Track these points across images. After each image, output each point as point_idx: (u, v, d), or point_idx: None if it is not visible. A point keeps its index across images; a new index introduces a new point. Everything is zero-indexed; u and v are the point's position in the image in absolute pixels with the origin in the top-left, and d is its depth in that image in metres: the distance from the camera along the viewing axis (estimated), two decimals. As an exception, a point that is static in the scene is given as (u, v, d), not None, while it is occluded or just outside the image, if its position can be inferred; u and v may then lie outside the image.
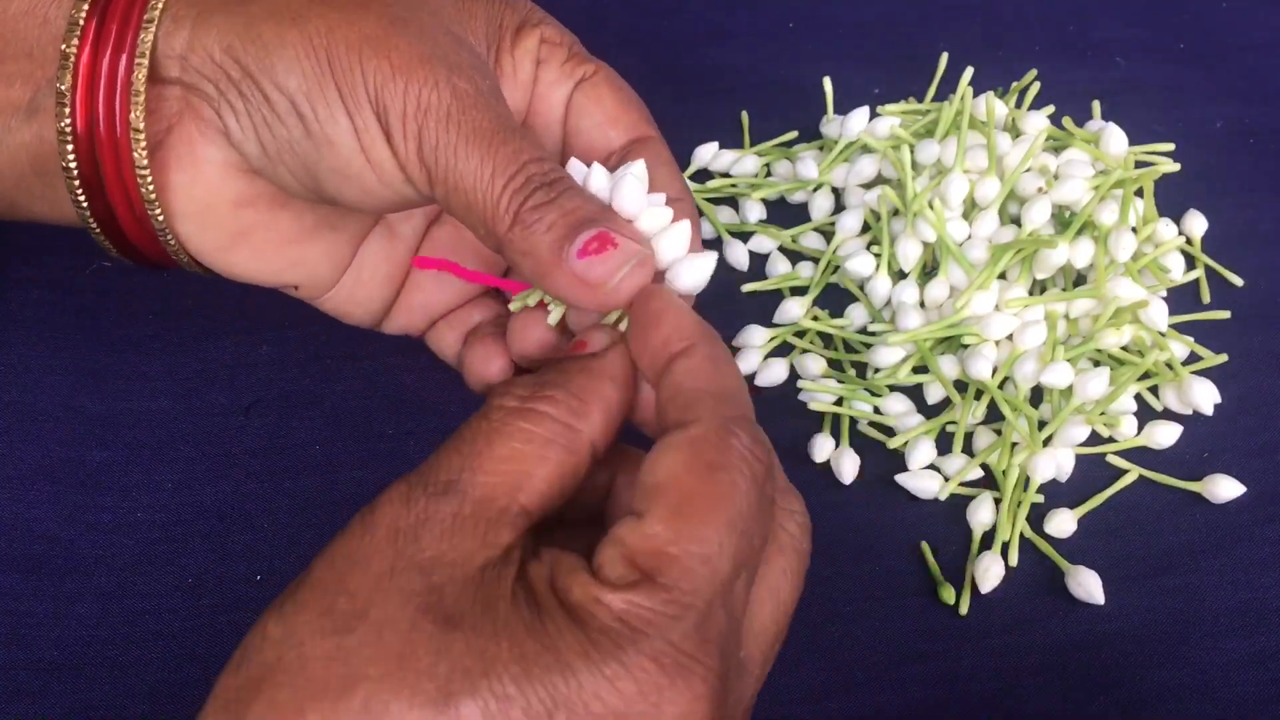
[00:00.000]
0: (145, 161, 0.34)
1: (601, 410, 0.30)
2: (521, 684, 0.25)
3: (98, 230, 0.35)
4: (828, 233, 0.49)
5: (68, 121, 0.33)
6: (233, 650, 0.38)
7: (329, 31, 0.32)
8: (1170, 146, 0.49)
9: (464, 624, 0.25)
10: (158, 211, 0.35)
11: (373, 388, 0.44)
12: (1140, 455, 0.43)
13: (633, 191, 0.33)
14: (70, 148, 0.33)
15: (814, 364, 0.44)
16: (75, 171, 0.34)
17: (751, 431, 0.28)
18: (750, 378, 0.45)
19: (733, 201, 0.50)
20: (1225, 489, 0.41)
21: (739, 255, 0.48)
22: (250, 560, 0.40)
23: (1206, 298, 0.47)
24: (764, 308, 0.46)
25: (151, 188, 0.34)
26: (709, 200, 0.50)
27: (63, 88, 0.33)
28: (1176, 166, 0.48)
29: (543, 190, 0.32)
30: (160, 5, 0.33)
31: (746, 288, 0.47)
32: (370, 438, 0.43)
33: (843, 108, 0.51)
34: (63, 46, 0.33)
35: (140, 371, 0.44)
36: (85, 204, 0.34)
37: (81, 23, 0.33)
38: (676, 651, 0.25)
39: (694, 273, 0.33)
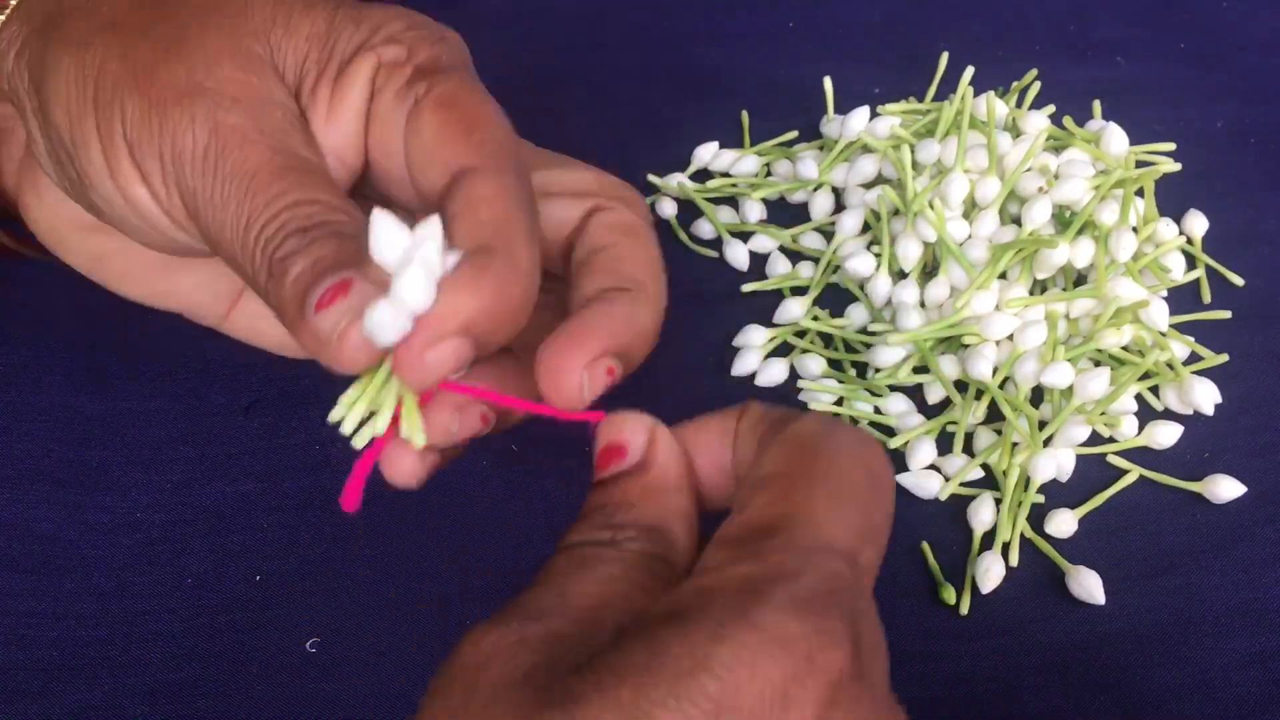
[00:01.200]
0: None
1: (684, 528, 0.27)
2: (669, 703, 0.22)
3: None
4: (828, 232, 0.49)
5: None
6: (231, 649, 0.38)
7: (102, 61, 0.30)
8: (1171, 146, 0.49)
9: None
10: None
11: (373, 388, 0.44)
12: (1141, 455, 0.43)
13: (382, 233, 0.26)
14: None
15: (814, 364, 0.44)
16: None
17: (859, 433, 0.26)
18: (750, 378, 0.45)
19: (733, 201, 0.50)
20: (1226, 489, 0.41)
21: (739, 255, 0.48)
22: (250, 560, 0.40)
23: (1207, 297, 0.47)
24: (764, 308, 0.46)
25: None
26: (709, 200, 0.50)
27: None
28: (1177, 166, 0.48)
29: (296, 236, 0.28)
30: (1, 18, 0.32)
31: (746, 288, 0.47)
32: (370, 438, 0.43)
33: (843, 107, 0.51)
34: None
35: (140, 371, 0.44)
36: None
37: None
38: (810, 596, 0.23)
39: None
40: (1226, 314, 0.45)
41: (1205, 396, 0.42)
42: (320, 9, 0.32)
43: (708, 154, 0.51)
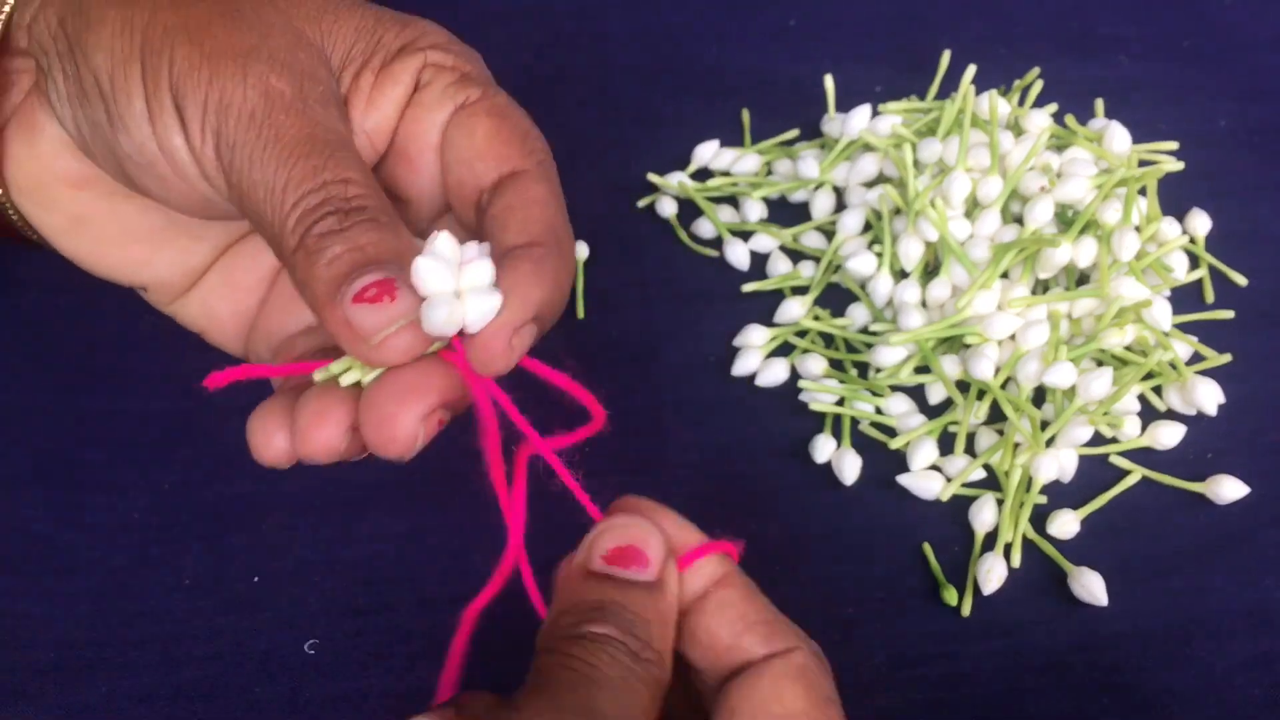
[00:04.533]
0: None
1: (671, 665, 0.28)
2: None
3: None
4: (829, 232, 0.49)
5: None
6: (229, 651, 0.38)
7: (152, 13, 0.31)
8: (1173, 145, 0.49)
9: None
10: None
11: (371, 388, 0.44)
12: (1143, 456, 0.42)
13: (428, 270, 0.28)
14: None
15: (815, 364, 0.44)
16: None
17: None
18: (751, 378, 0.44)
19: (733, 200, 0.50)
20: (1229, 490, 0.41)
21: (740, 254, 0.48)
22: (248, 561, 0.40)
23: (1210, 297, 0.47)
24: (765, 307, 0.46)
25: None
26: (710, 199, 0.50)
27: None
28: (1180, 165, 0.47)
29: (336, 216, 0.29)
30: None
31: (747, 287, 0.47)
32: (369, 438, 0.43)
33: (844, 106, 0.51)
34: None
35: (139, 371, 0.44)
36: None
37: None
38: None
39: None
40: (1229, 314, 0.45)
41: (1208, 396, 0.42)
42: (366, 9, 0.34)
43: (708, 153, 0.51)
